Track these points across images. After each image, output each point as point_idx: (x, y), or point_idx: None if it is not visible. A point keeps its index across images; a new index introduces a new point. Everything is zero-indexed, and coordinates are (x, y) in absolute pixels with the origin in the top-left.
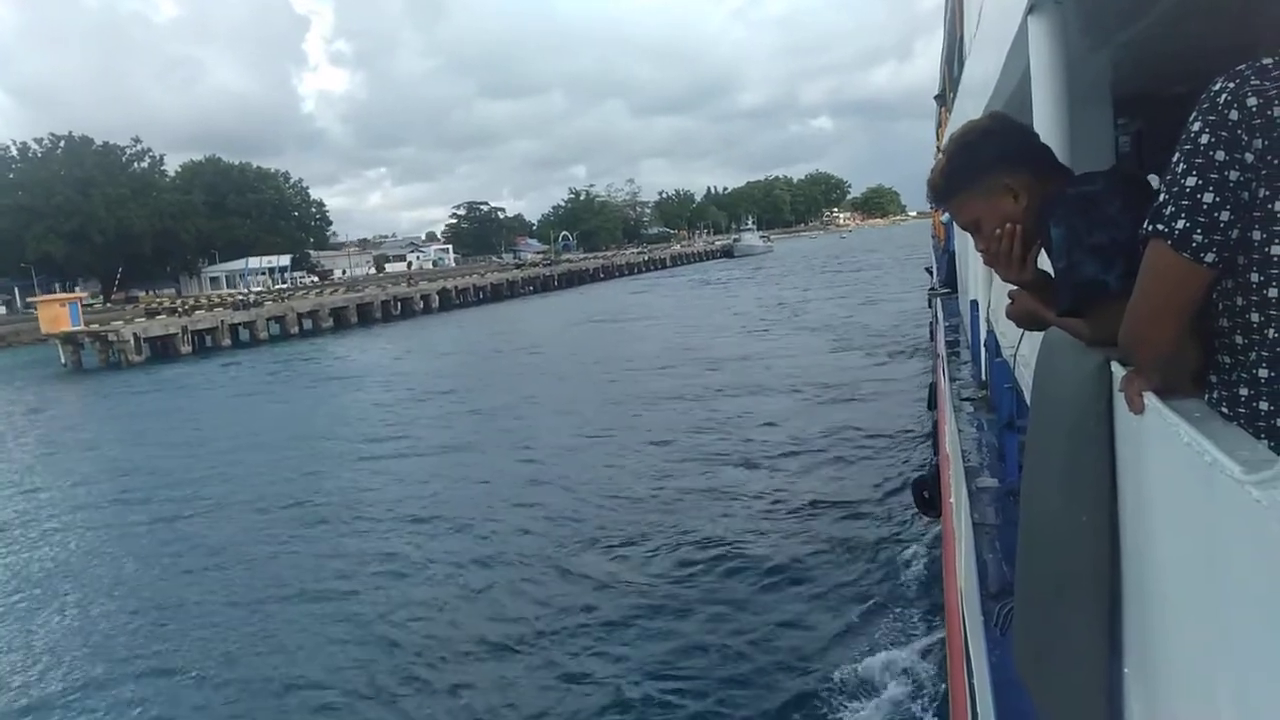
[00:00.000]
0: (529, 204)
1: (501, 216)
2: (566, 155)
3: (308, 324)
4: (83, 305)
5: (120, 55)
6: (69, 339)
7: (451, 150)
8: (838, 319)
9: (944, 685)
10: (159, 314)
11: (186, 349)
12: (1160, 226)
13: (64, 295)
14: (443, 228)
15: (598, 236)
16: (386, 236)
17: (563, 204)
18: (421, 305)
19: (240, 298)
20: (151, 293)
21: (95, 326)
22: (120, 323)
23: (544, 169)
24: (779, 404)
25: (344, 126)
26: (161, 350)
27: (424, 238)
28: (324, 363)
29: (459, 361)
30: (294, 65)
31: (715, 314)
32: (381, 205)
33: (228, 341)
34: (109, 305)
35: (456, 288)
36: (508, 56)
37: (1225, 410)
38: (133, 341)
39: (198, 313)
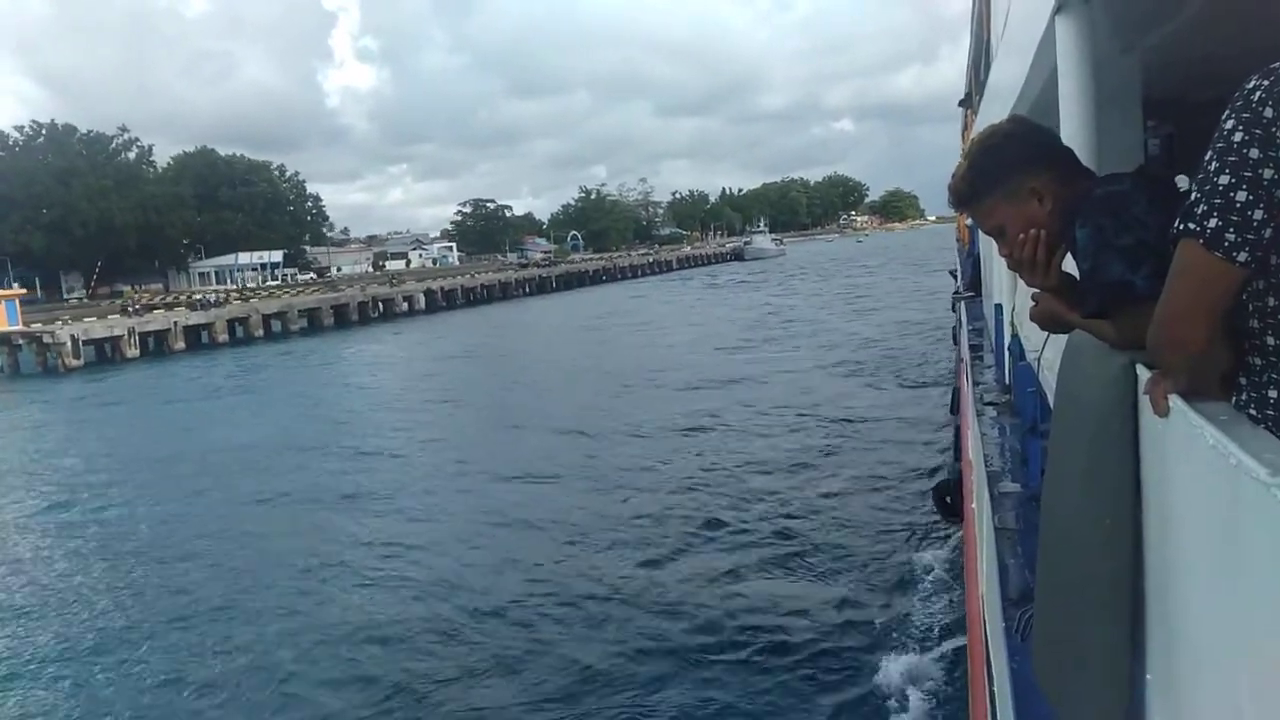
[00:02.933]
0: (547, 203)
1: (509, 215)
2: (588, 155)
3: (276, 326)
4: (65, 300)
5: (146, 48)
6: (4, 340)
7: (474, 148)
8: (847, 333)
9: (965, 692)
10: (128, 312)
11: (133, 352)
12: (1192, 225)
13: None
14: (447, 225)
15: (607, 236)
16: (401, 232)
17: (573, 203)
18: (405, 307)
19: (198, 297)
20: (137, 288)
21: (37, 326)
22: (59, 323)
23: (565, 168)
24: (779, 424)
25: (368, 123)
26: (109, 354)
27: (439, 234)
28: (271, 373)
29: (418, 372)
30: (320, 61)
31: (717, 323)
32: (402, 201)
33: (181, 345)
34: (85, 301)
35: (443, 289)
36: (534, 55)
37: (1254, 412)
38: (69, 344)
39: (156, 312)
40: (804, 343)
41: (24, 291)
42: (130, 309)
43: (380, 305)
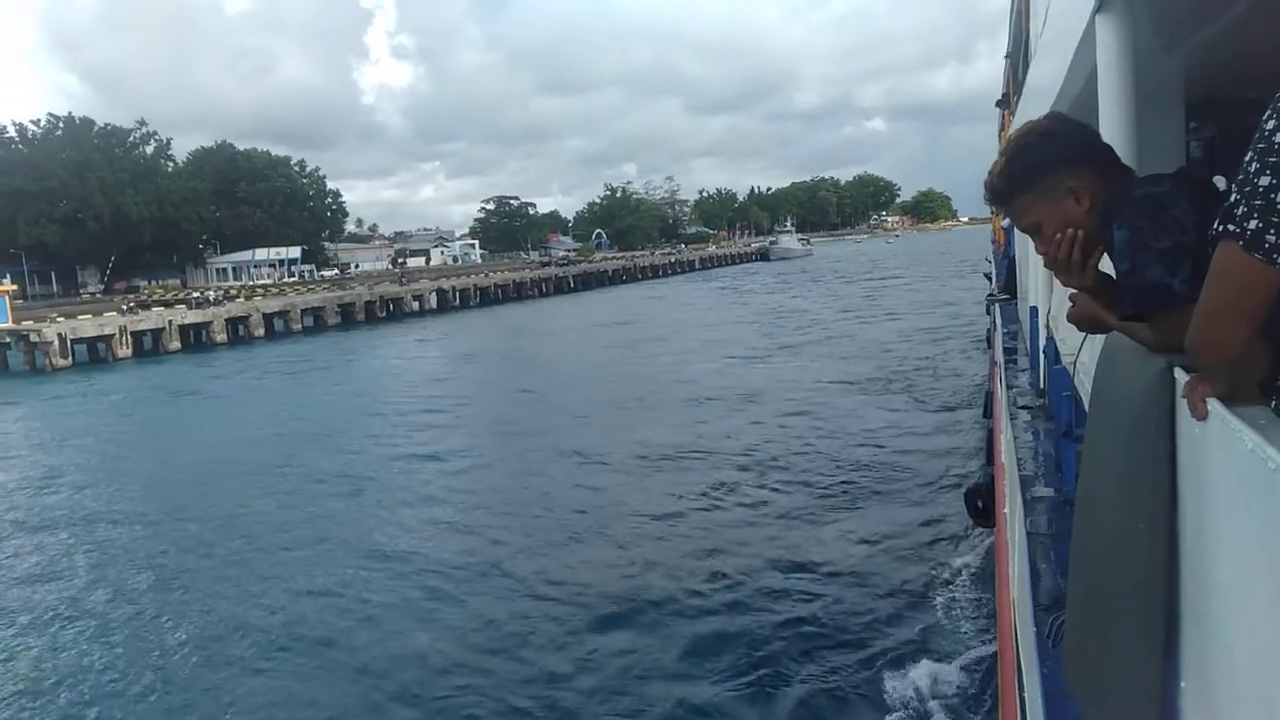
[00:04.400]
0: (576, 201)
1: (533, 213)
2: (619, 153)
3: (279, 325)
4: (79, 295)
5: (185, 45)
6: None
7: (506, 145)
8: (869, 341)
9: (995, 698)
10: (150, 306)
11: (125, 352)
12: (1231, 227)
13: None
14: (471, 223)
15: (633, 235)
16: (430, 229)
17: (599, 201)
18: (415, 306)
19: (195, 295)
20: (155, 283)
21: (27, 324)
22: (47, 322)
23: (595, 166)
24: (794, 436)
25: (402, 120)
26: (101, 354)
27: (467, 232)
28: (260, 376)
29: (414, 379)
30: (356, 58)
31: (734, 328)
32: (434, 198)
33: (177, 345)
34: (99, 296)
35: (455, 288)
36: (566, 53)
37: None
38: (57, 343)
39: (155, 310)
40: (823, 351)
41: (14, 287)
42: (124, 307)
43: (388, 305)
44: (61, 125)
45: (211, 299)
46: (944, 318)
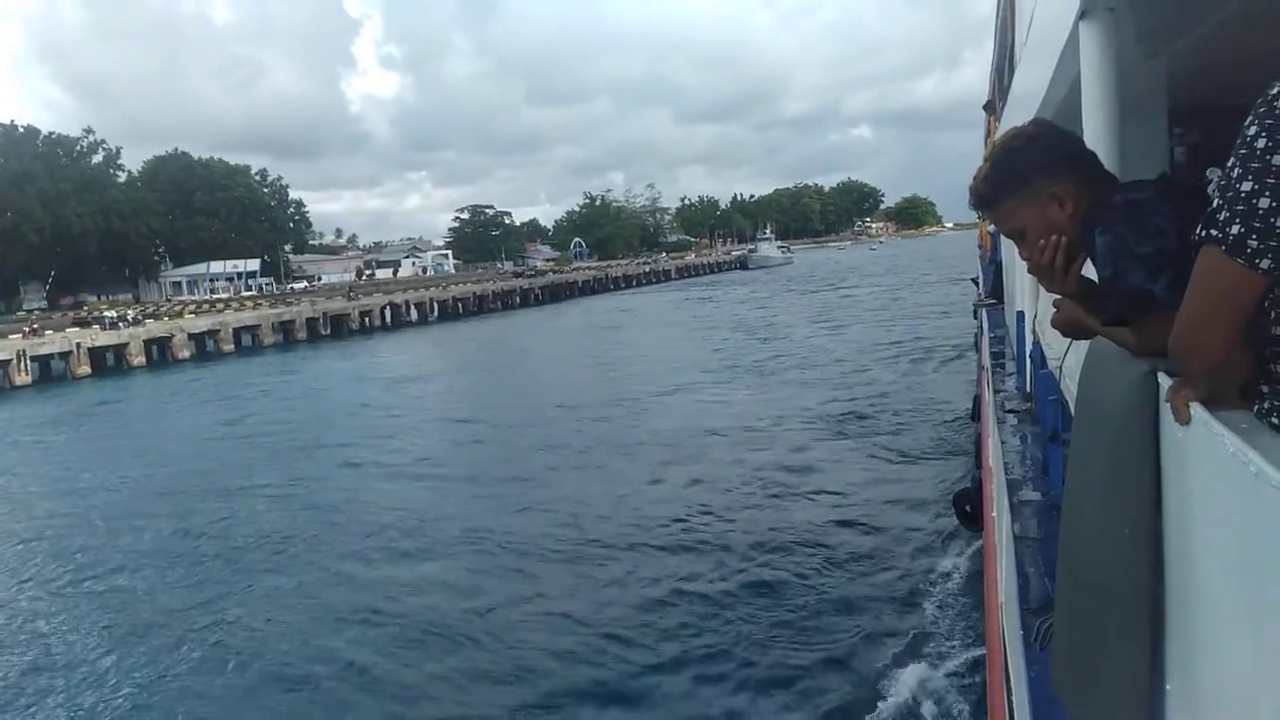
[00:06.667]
0: (562, 210)
1: (508, 222)
2: (607, 162)
3: (209, 345)
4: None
5: (171, 55)
6: None
7: (494, 155)
8: (838, 359)
9: (984, 702)
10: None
11: (24, 379)
12: (1214, 232)
13: None
14: (445, 232)
15: (613, 244)
16: (414, 238)
17: (578, 209)
18: (360, 323)
19: (109, 314)
20: (104, 298)
21: None
22: None
23: (583, 175)
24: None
25: (389, 129)
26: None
27: (444, 243)
28: (160, 405)
29: (332, 408)
30: (343, 68)
31: (698, 349)
32: (421, 208)
33: (86, 370)
34: (34, 313)
35: (410, 302)
36: (556, 62)
37: (1275, 421)
38: None
39: (70, 330)
40: (791, 376)
41: None
42: (26, 329)
43: (331, 323)
44: (2, 135)
45: (130, 318)
46: (930, 329)
